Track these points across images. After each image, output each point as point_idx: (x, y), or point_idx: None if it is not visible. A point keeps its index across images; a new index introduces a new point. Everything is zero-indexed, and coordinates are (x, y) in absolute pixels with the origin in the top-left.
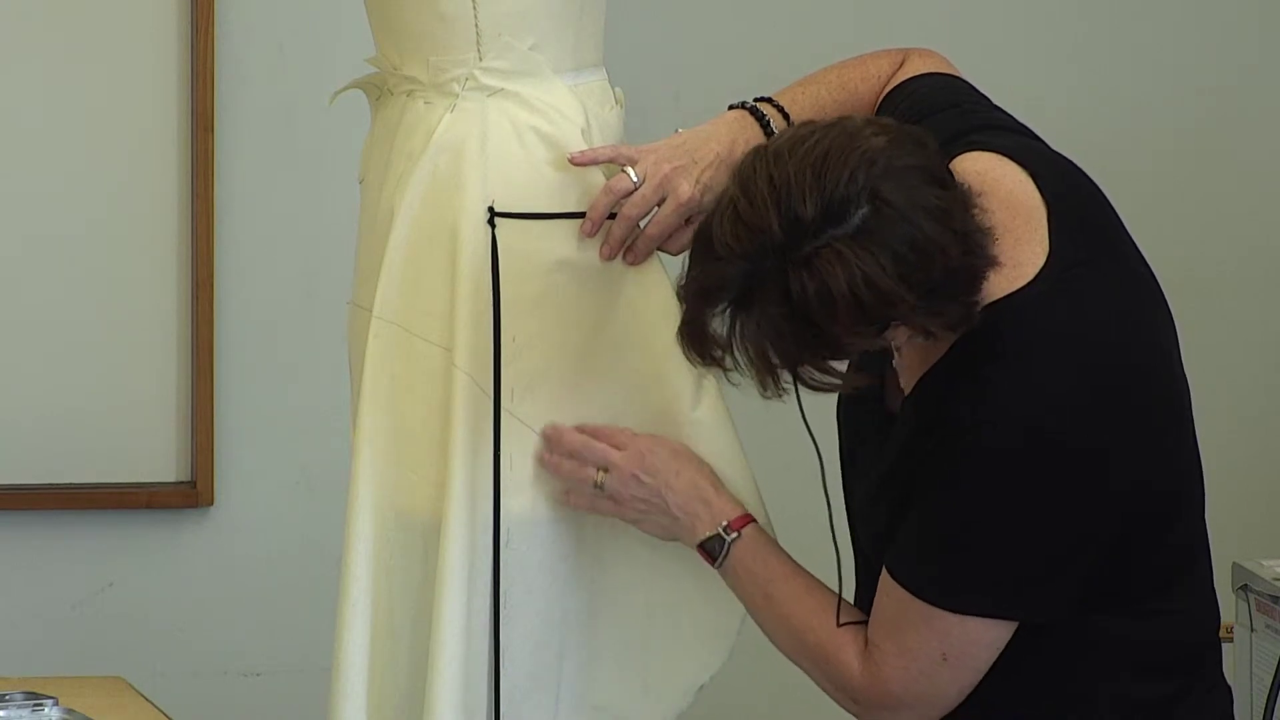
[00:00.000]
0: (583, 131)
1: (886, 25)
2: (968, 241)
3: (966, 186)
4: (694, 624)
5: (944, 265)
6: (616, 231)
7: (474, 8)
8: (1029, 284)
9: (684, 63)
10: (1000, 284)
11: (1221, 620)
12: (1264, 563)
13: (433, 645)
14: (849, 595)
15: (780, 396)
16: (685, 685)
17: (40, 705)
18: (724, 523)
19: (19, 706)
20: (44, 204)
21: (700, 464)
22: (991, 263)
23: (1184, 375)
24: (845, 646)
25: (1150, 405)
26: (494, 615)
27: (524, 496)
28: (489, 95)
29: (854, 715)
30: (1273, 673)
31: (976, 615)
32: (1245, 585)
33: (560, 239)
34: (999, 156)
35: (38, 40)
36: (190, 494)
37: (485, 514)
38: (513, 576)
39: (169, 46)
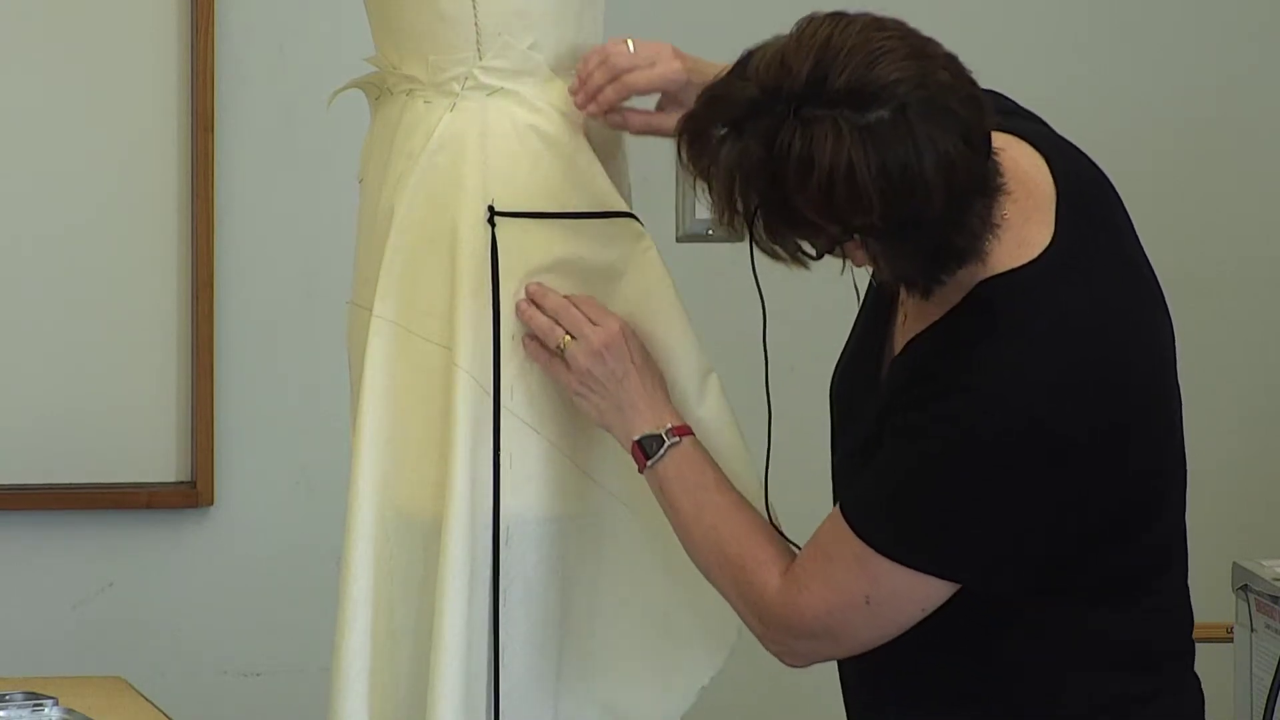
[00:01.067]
0: (582, 131)
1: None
2: (961, 210)
3: (1001, 180)
4: (695, 623)
5: (921, 210)
6: (597, 75)
7: (474, 7)
8: (1031, 262)
9: None
10: (1003, 259)
11: (1204, 621)
12: (1264, 563)
13: (434, 644)
14: None
15: (736, 236)
16: (686, 685)
17: (40, 705)
18: (668, 426)
19: (19, 706)
20: (44, 204)
21: (661, 377)
22: (976, 255)
23: (1177, 385)
24: (768, 564)
25: (1137, 402)
26: (493, 614)
27: (524, 495)
28: (488, 95)
29: (758, 637)
30: (1273, 673)
31: (914, 569)
32: (1245, 585)
33: (560, 238)
34: (1017, 139)
35: (38, 40)
36: (190, 494)
37: (485, 513)
38: (512, 575)
39: (169, 46)
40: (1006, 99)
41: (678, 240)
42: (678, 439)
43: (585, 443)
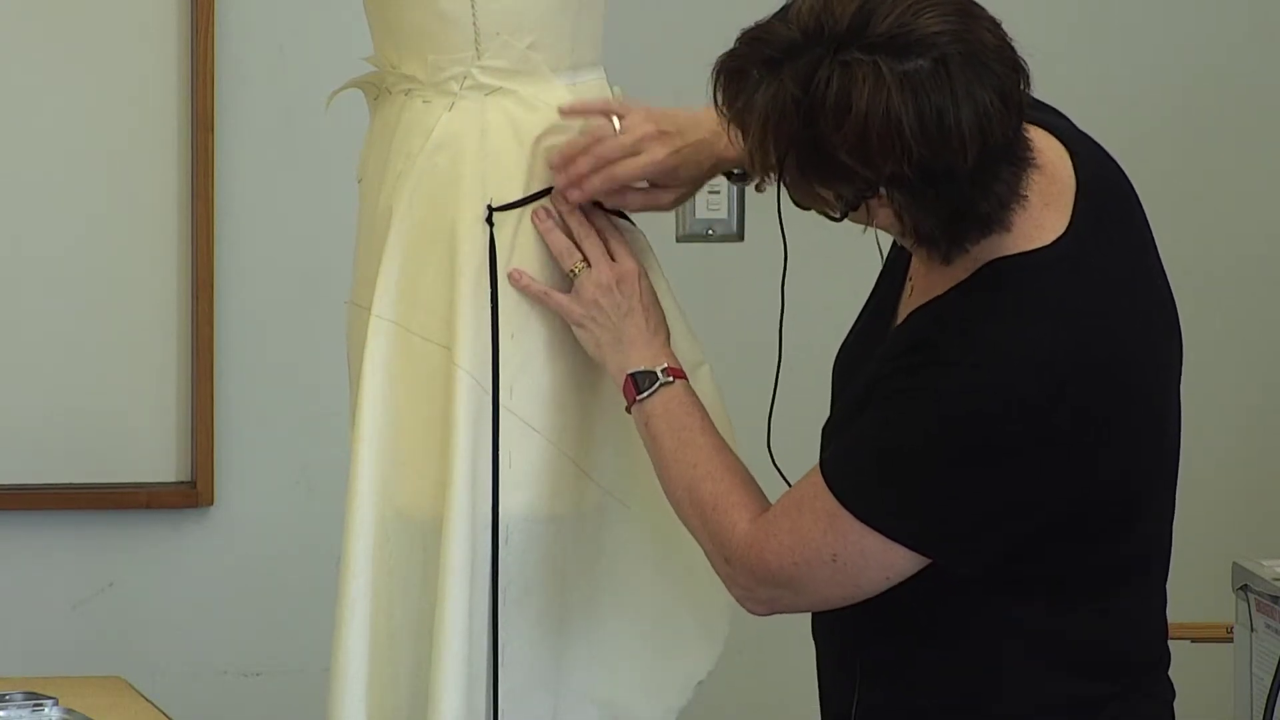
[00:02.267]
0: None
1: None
2: (990, 172)
3: (1030, 155)
4: (691, 621)
5: (954, 163)
6: (580, 163)
7: (472, 7)
8: (1044, 247)
9: (683, 62)
10: (1017, 241)
11: (1204, 621)
12: (1264, 563)
13: (433, 643)
14: None
15: (763, 186)
16: (684, 681)
17: (40, 705)
18: (664, 365)
19: (19, 706)
20: (44, 204)
21: (667, 326)
22: (1000, 224)
23: (1178, 402)
24: (740, 507)
25: (1126, 402)
26: (493, 613)
27: (523, 494)
28: (487, 94)
29: (723, 578)
30: (1273, 673)
31: (884, 535)
32: (1245, 585)
33: None
34: (1043, 130)
35: (37, 40)
36: (190, 494)
37: (485, 512)
38: (512, 574)
39: (169, 46)
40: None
41: (678, 240)
42: (671, 379)
43: (584, 442)
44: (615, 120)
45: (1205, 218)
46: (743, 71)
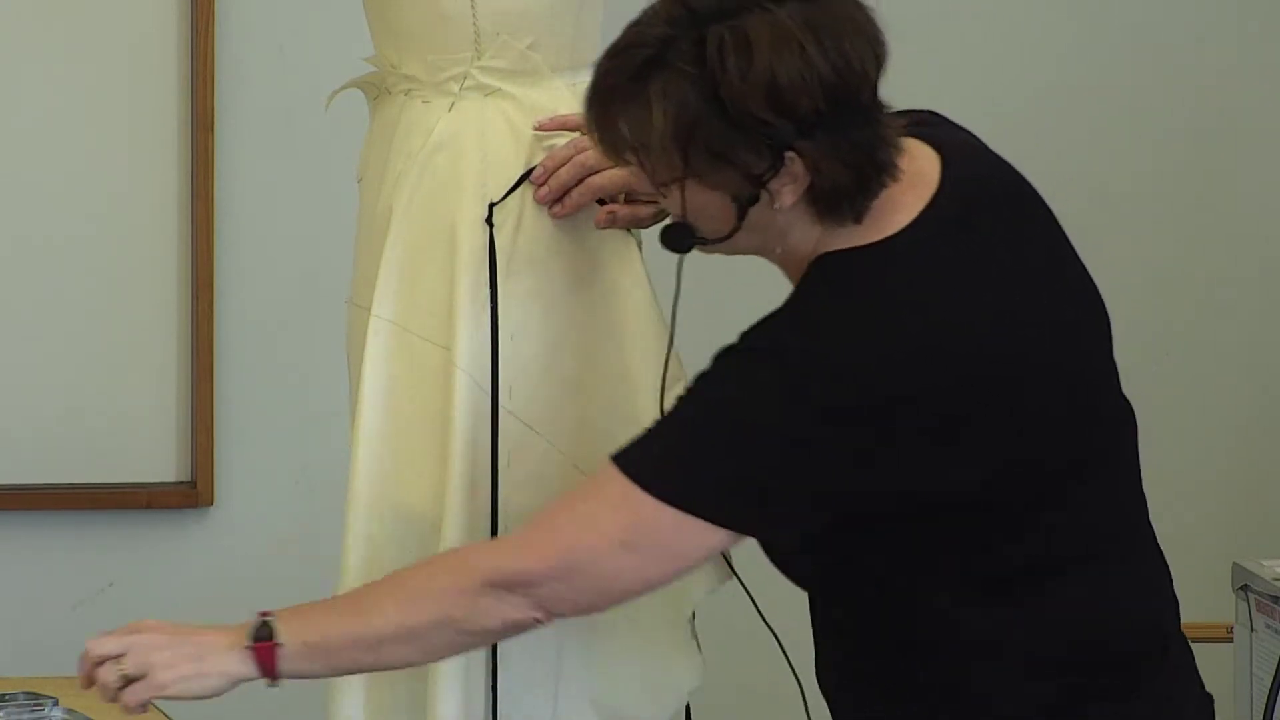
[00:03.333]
0: (578, 132)
1: (882, 25)
2: (879, 110)
3: (896, 112)
4: (690, 621)
5: (859, 90)
6: (563, 174)
7: (472, 7)
8: (870, 244)
9: None
10: (850, 239)
11: (1204, 621)
12: (1264, 563)
13: None
14: None
15: (662, 193)
16: (682, 683)
17: (40, 705)
18: (245, 644)
19: (19, 706)
20: (44, 204)
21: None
22: (893, 174)
23: (1103, 388)
24: (471, 555)
25: (989, 396)
26: None
27: (522, 494)
28: (487, 94)
29: (495, 605)
30: (1273, 673)
31: (663, 500)
32: (1245, 585)
33: (552, 232)
34: (920, 142)
35: (38, 40)
36: (190, 494)
37: (484, 512)
38: None
39: (169, 46)
40: (940, 116)
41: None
42: (271, 616)
43: (583, 442)
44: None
45: (1205, 219)
46: (616, 88)
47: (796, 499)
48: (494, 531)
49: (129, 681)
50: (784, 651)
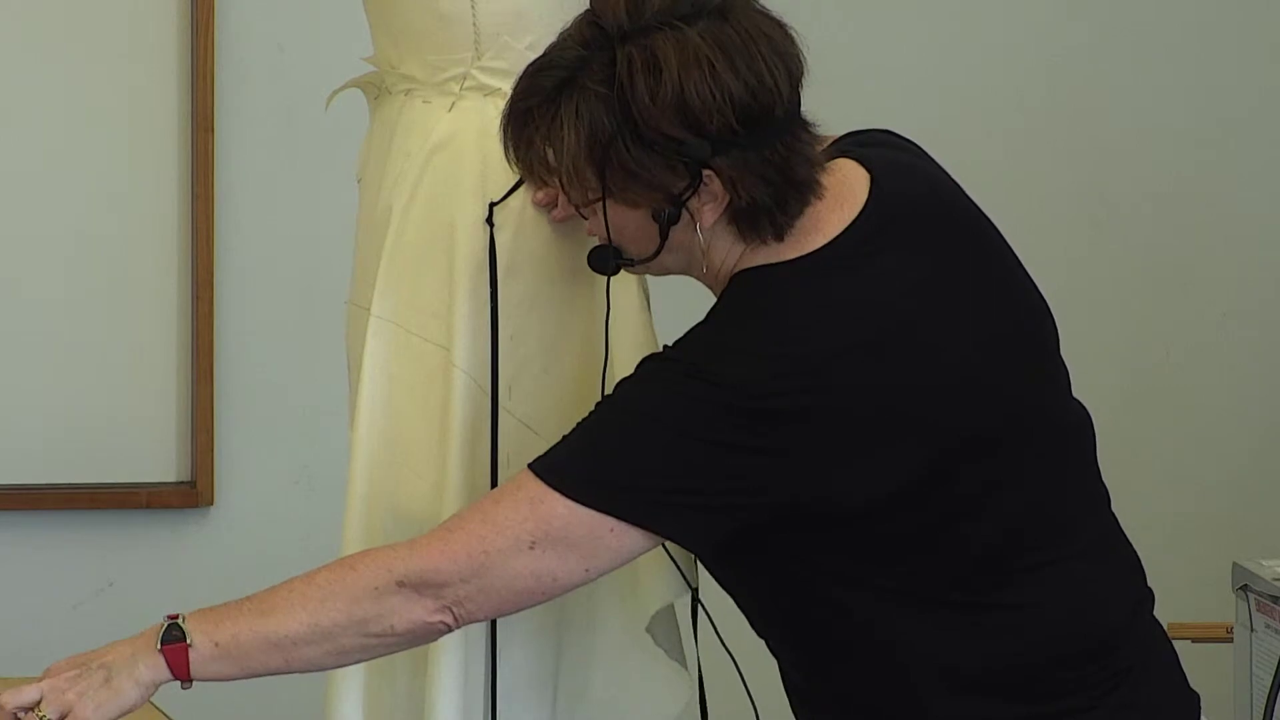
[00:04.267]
0: None
1: (879, 26)
2: (797, 126)
3: (817, 127)
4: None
5: (770, 104)
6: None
7: (472, 7)
8: (788, 261)
9: None
10: (769, 256)
11: (1204, 621)
12: (1264, 563)
13: (431, 644)
14: None
15: (584, 214)
16: (682, 683)
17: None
18: (154, 645)
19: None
20: (44, 204)
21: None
22: (815, 191)
23: (1015, 401)
24: (381, 555)
25: (889, 403)
26: None
27: None
28: (486, 95)
29: (399, 617)
30: (1273, 673)
31: (572, 498)
32: (1245, 585)
33: (552, 232)
34: (853, 161)
35: (38, 40)
36: (190, 494)
37: None
38: None
39: (169, 46)
40: (893, 135)
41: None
42: (180, 617)
43: None
44: None
45: (1207, 218)
46: (532, 110)
47: (703, 500)
48: None
49: None
50: (739, 670)
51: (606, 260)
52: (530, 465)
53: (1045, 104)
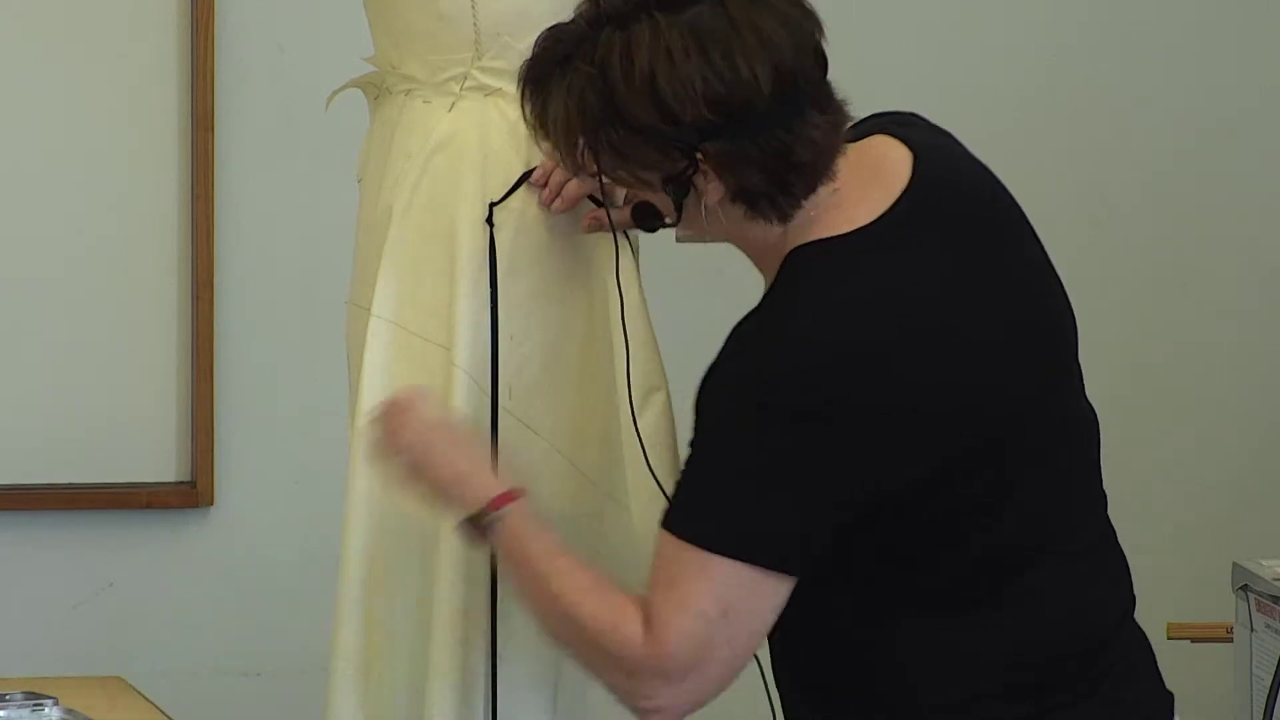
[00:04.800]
0: None
1: (881, 25)
2: (794, 110)
3: (842, 101)
4: None
5: (749, 97)
6: (557, 176)
7: (473, 7)
8: (839, 235)
9: None
10: (821, 230)
11: (1204, 621)
12: (1264, 563)
13: (431, 643)
14: None
15: (596, 179)
16: None
17: (40, 705)
18: (487, 499)
19: (19, 706)
20: (44, 203)
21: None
22: (826, 174)
23: (1044, 413)
24: (629, 617)
25: (938, 390)
26: (491, 614)
27: None
28: (487, 95)
29: (626, 695)
30: (1273, 673)
31: (745, 562)
32: (1245, 585)
33: (553, 232)
34: (895, 140)
35: (38, 40)
36: (190, 494)
37: None
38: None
39: (169, 46)
40: (920, 118)
41: (677, 240)
42: (497, 513)
43: (582, 443)
44: None
45: (1207, 218)
46: (542, 76)
47: (804, 519)
48: None
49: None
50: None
51: (650, 219)
52: (666, 527)
53: (1045, 104)
